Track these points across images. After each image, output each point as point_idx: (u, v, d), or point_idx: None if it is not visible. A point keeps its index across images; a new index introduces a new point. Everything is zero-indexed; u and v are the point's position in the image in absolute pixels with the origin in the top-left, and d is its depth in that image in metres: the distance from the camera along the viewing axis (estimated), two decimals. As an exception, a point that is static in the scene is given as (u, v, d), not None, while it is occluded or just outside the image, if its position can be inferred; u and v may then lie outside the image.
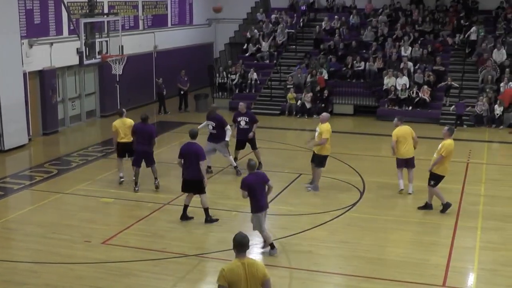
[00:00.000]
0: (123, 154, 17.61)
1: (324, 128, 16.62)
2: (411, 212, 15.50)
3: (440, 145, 15.31)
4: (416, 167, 17.06)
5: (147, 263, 12.40)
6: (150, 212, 15.31)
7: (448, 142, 15.17)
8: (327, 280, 12.03)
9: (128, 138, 17.16)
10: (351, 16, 33.40)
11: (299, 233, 13.93)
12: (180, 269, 12.14)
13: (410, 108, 26.98)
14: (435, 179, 15.29)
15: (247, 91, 30.02)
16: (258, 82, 30.24)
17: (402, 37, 30.79)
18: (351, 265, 12.39)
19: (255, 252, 12.71)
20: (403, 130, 16.69)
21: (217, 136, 18.38)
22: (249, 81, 30.10)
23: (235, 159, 19.07)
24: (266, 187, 12.63)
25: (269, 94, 29.65)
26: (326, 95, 27.81)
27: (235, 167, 18.71)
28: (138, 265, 12.31)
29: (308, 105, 27.78)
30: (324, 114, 17.37)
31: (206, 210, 14.64)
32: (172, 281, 11.61)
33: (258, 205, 12.51)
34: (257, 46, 32.42)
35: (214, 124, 18.38)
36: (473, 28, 30.33)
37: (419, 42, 30.19)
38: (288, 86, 28.74)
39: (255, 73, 30.17)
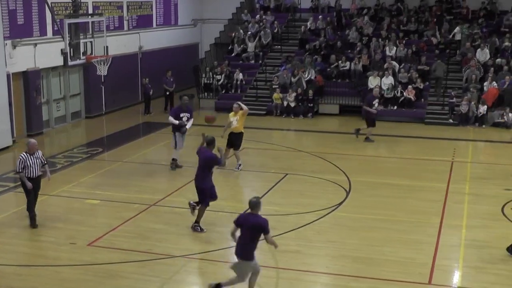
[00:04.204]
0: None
1: None
2: (397, 211, 15.56)
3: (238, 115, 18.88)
4: (407, 167, 16.98)
5: (134, 264, 12.36)
6: (137, 213, 15.26)
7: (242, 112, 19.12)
8: (315, 279, 12.06)
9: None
10: (335, 16, 33.43)
11: (285, 233, 13.94)
12: (167, 270, 12.11)
13: (395, 107, 27.09)
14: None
15: (233, 91, 30.00)
16: (244, 82, 30.25)
17: (387, 36, 30.89)
18: (338, 265, 12.42)
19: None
20: None
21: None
22: (234, 82, 30.09)
23: None
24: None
25: (254, 95, 29.65)
26: (311, 95, 27.85)
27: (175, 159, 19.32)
28: (125, 266, 12.27)
29: (292, 105, 27.84)
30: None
31: None
32: (159, 282, 11.58)
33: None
34: (242, 46, 32.42)
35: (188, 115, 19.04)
36: (457, 28, 30.51)
37: (403, 42, 30.30)
38: (273, 86, 28.77)
39: (240, 74, 30.16)
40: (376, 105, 23.19)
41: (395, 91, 27.31)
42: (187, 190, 17.23)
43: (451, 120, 26.23)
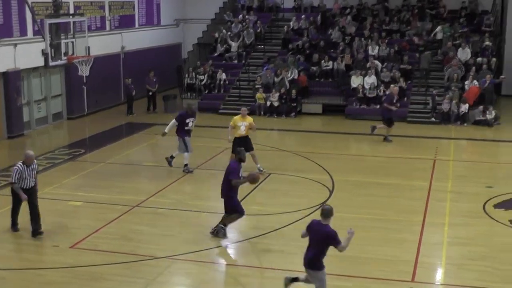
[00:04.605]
0: None
1: None
2: (380, 209, 15.60)
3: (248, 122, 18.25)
4: (389, 165, 17.05)
5: (117, 266, 12.30)
6: (120, 214, 15.19)
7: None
8: (298, 279, 12.05)
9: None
10: (319, 16, 33.49)
11: (269, 232, 13.93)
12: (151, 272, 12.07)
13: (378, 106, 27.15)
14: None
15: (216, 91, 29.99)
16: (227, 82, 30.22)
17: (370, 36, 31.00)
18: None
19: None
20: None
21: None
22: (217, 82, 30.06)
23: None
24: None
25: (237, 94, 29.64)
26: (294, 95, 27.90)
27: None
28: (108, 268, 12.21)
29: (275, 104, 27.87)
30: None
31: None
32: (143, 284, 11.54)
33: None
34: (225, 46, 32.39)
35: (194, 119, 18.93)
36: (438, 28, 30.68)
37: (386, 41, 30.41)
38: (256, 86, 28.78)
39: (223, 74, 30.13)
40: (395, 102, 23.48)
41: (378, 90, 27.41)
42: (170, 191, 17.25)
43: (433, 119, 26.37)
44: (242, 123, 18.33)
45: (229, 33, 32.87)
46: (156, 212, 15.45)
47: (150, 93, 29.07)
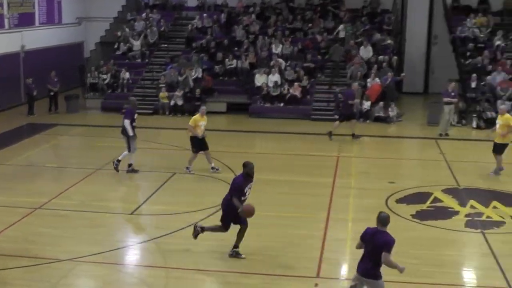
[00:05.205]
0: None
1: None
2: (285, 206, 15.81)
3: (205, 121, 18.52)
4: (294, 163, 17.25)
5: (20, 270, 12.00)
6: (21, 217, 14.78)
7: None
8: (204, 277, 12.08)
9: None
10: (222, 14, 33.58)
11: (174, 232, 13.90)
12: (54, 275, 11.81)
13: (282, 104, 27.49)
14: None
15: (119, 90, 29.59)
16: (130, 81, 29.88)
17: (273, 34, 31.29)
18: (228, 262, 12.47)
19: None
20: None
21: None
22: (121, 81, 29.67)
23: None
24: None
25: (141, 94, 29.35)
26: (198, 93, 27.87)
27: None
28: (11, 272, 11.89)
29: (180, 103, 27.79)
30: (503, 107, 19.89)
31: None
32: (46, 288, 11.31)
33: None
34: (128, 45, 32.00)
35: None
36: (341, 26, 31.31)
37: (289, 39, 30.78)
38: (160, 85, 28.59)
39: (127, 73, 29.77)
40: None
41: (282, 89, 27.73)
42: (73, 192, 16.92)
43: (336, 116, 26.86)
44: (202, 123, 18.62)
45: (132, 31, 32.50)
46: (58, 214, 15.11)
47: (52, 93, 28.40)
